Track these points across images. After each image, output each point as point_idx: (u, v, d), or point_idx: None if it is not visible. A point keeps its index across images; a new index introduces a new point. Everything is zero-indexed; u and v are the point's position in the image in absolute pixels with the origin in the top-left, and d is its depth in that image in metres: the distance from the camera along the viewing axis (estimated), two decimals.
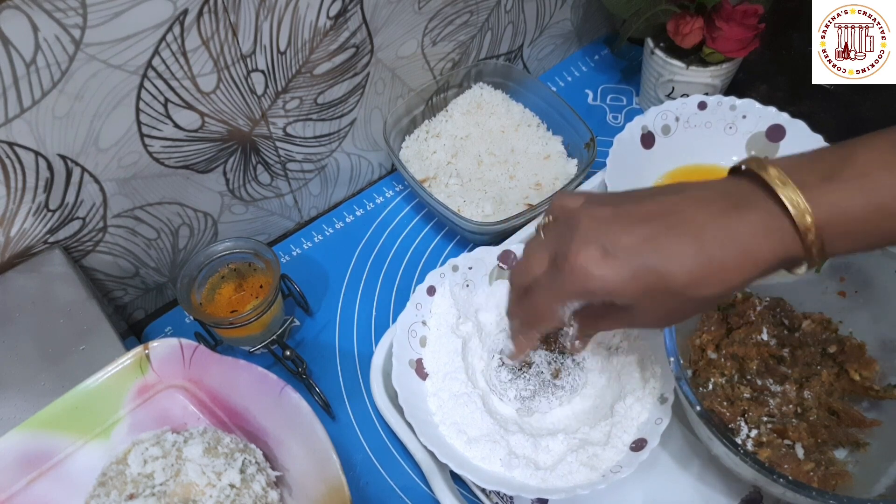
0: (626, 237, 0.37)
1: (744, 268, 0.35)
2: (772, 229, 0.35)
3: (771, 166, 0.35)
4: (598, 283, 0.37)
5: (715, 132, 0.69)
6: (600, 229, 0.37)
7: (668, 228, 0.36)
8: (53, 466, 0.48)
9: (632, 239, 0.36)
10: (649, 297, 0.37)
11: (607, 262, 0.37)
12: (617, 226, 0.37)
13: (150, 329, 0.68)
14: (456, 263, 0.59)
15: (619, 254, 0.36)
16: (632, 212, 0.38)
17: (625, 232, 0.37)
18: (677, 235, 0.36)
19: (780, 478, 0.43)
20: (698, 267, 0.35)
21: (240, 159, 0.63)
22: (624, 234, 0.37)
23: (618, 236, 0.37)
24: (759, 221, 0.35)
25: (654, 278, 0.36)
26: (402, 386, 0.54)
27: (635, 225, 0.37)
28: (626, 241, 0.37)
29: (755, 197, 0.36)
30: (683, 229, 0.36)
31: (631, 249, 0.36)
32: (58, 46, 0.46)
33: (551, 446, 0.51)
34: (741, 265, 0.35)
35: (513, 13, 0.74)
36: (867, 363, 0.54)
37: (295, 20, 0.56)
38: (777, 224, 0.35)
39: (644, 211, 0.38)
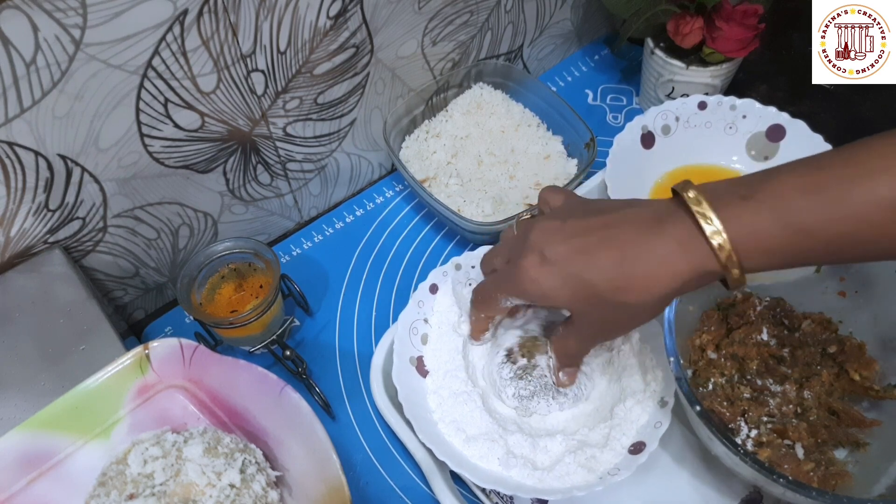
0: (563, 248, 0.41)
1: (662, 279, 0.39)
2: (687, 245, 0.38)
3: (693, 188, 0.38)
4: (533, 286, 0.43)
5: (715, 132, 0.69)
6: (545, 239, 0.42)
7: (599, 241, 0.41)
8: (53, 466, 0.48)
9: (567, 249, 0.41)
10: (580, 303, 0.42)
11: (543, 268, 0.42)
12: (558, 237, 0.42)
13: (150, 329, 0.68)
14: (459, 262, 0.59)
15: (553, 262, 0.41)
16: (574, 226, 0.42)
17: (563, 243, 0.42)
18: (605, 248, 0.40)
19: (780, 478, 0.43)
20: (619, 276, 0.39)
21: (240, 159, 0.63)
22: (562, 245, 0.41)
23: (556, 246, 0.42)
24: (675, 237, 0.38)
25: (580, 285, 0.41)
26: (402, 383, 0.54)
27: (573, 238, 0.41)
28: (562, 252, 0.41)
29: (677, 216, 0.39)
30: (611, 243, 0.40)
31: (564, 259, 0.41)
32: (58, 46, 0.46)
33: (549, 447, 0.51)
34: (659, 276, 0.39)
35: (513, 13, 0.74)
36: (867, 363, 0.54)
37: (295, 20, 0.56)
38: (692, 240, 0.38)
39: (584, 225, 0.42)
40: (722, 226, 0.37)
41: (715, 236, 0.37)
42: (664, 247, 0.38)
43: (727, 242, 0.36)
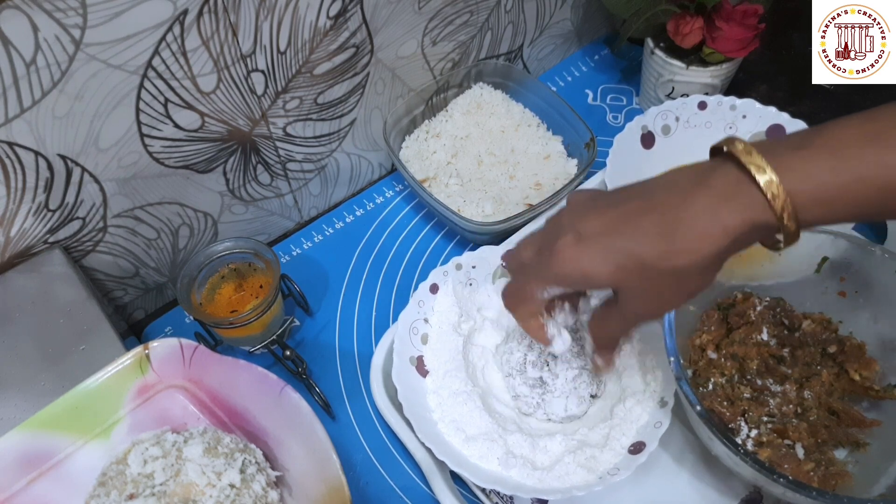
0: (599, 222, 0.39)
1: (711, 235, 0.36)
2: (736, 196, 0.35)
3: (738, 141, 0.36)
4: (573, 267, 0.39)
5: (715, 132, 0.69)
6: (578, 218, 0.40)
7: (637, 209, 0.38)
8: (53, 466, 0.48)
9: (604, 223, 0.39)
10: (627, 277, 0.39)
11: (580, 246, 0.39)
12: (592, 213, 0.40)
13: (150, 329, 0.68)
14: (459, 262, 0.59)
15: (591, 238, 0.39)
16: (608, 200, 0.40)
17: (599, 217, 0.39)
18: (645, 213, 0.38)
19: (780, 478, 0.43)
20: (665, 238, 0.37)
21: (240, 159, 0.63)
22: (596, 221, 0.39)
23: (591, 223, 0.39)
24: (723, 190, 0.36)
25: (624, 257, 0.38)
26: (401, 382, 0.54)
27: (607, 211, 0.39)
28: (597, 227, 0.39)
29: (723, 168, 0.36)
30: (651, 207, 0.38)
31: (602, 232, 0.39)
32: (58, 46, 0.46)
33: (549, 447, 0.51)
34: (708, 233, 0.36)
35: (513, 13, 0.74)
36: (867, 363, 0.54)
37: (295, 20, 0.56)
38: (742, 190, 0.35)
39: (618, 198, 0.40)
40: (776, 174, 0.34)
41: (769, 185, 0.34)
42: (711, 200, 0.36)
43: (782, 191, 0.34)
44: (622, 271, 0.38)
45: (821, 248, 0.55)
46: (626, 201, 0.39)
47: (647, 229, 0.37)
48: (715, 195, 0.36)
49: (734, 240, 0.36)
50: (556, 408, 0.53)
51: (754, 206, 0.35)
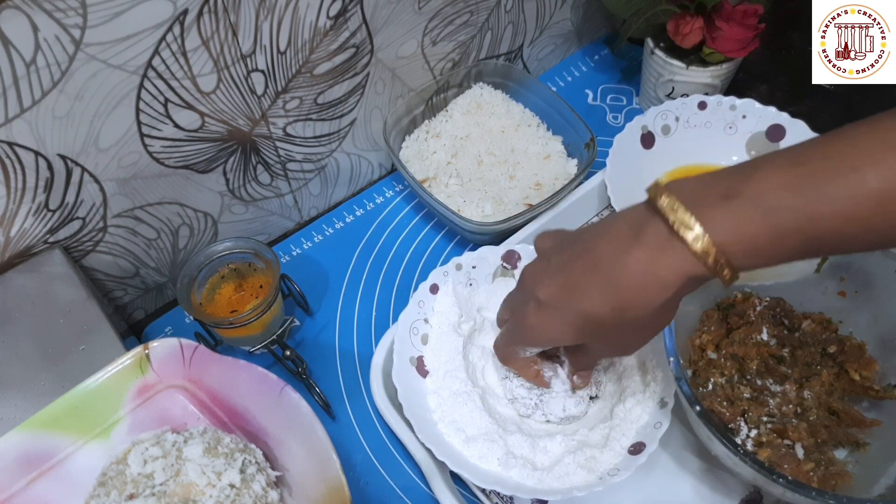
0: (552, 287, 0.41)
1: (650, 290, 0.37)
2: (667, 252, 0.36)
3: (665, 193, 0.37)
4: (537, 334, 0.44)
5: (715, 132, 0.69)
6: (535, 283, 0.43)
7: (582, 270, 0.40)
8: (53, 466, 0.48)
9: (556, 288, 0.41)
10: (586, 335, 0.42)
11: (541, 313, 0.42)
12: (546, 277, 0.42)
13: (150, 329, 0.68)
14: (459, 262, 0.59)
15: (547, 305, 0.42)
16: (558, 261, 0.42)
17: (551, 282, 0.42)
18: (589, 274, 0.39)
19: (780, 478, 0.43)
20: (610, 298, 0.39)
21: (240, 159, 0.63)
22: (551, 285, 0.42)
23: (546, 288, 0.42)
24: (654, 246, 0.37)
25: (580, 319, 0.41)
26: (401, 383, 0.54)
27: (559, 274, 0.41)
28: (552, 291, 0.41)
29: (653, 222, 0.37)
30: (593, 267, 0.39)
31: (556, 298, 0.41)
32: (58, 46, 0.46)
33: (549, 447, 0.51)
34: (647, 288, 0.37)
35: (513, 13, 0.74)
36: (867, 363, 0.54)
37: (295, 20, 0.56)
38: (673, 246, 0.36)
39: (567, 257, 0.41)
40: (702, 229, 0.35)
41: (696, 242, 0.35)
42: (645, 258, 0.37)
43: (712, 246, 0.35)
44: (581, 331, 0.41)
45: None
46: (573, 262, 0.41)
47: (593, 291, 0.39)
48: (648, 251, 0.37)
49: (674, 292, 0.38)
50: (554, 408, 0.53)
51: (686, 262, 0.36)
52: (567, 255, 0.42)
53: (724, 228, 0.35)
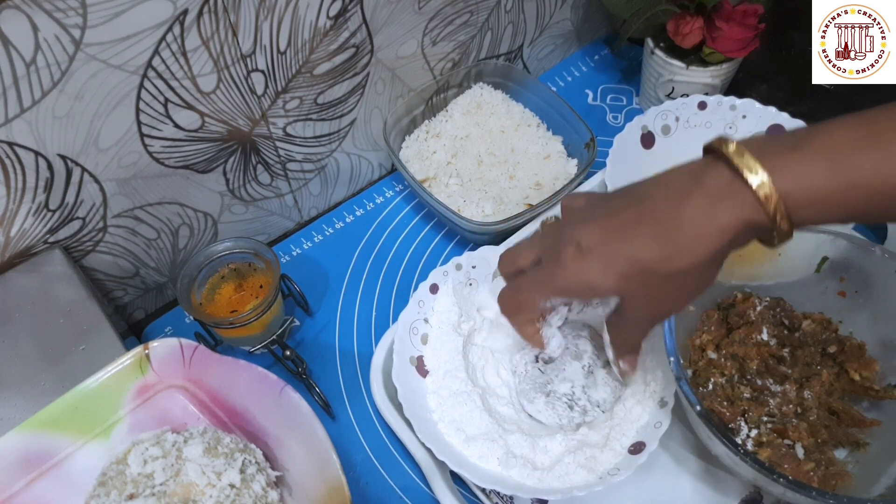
0: (598, 233, 0.39)
1: (707, 235, 0.36)
2: (729, 196, 0.36)
3: (730, 141, 0.36)
4: (576, 279, 0.40)
5: (715, 132, 0.69)
6: (578, 230, 0.40)
7: (634, 216, 0.39)
8: (53, 466, 0.48)
9: (603, 233, 0.39)
10: (630, 285, 0.39)
11: (583, 258, 0.40)
12: (590, 224, 0.40)
13: (150, 329, 0.68)
14: (459, 262, 0.59)
15: (592, 249, 0.39)
16: (605, 209, 0.40)
17: (597, 228, 0.40)
18: (642, 220, 0.38)
19: (780, 478, 0.43)
20: (663, 243, 0.37)
21: (240, 159, 0.63)
22: (597, 231, 0.40)
23: (590, 233, 0.40)
24: (715, 190, 0.36)
25: (625, 264, 0.38)
26: (401, 382, 0.54)
27: (606, 220, 0.40)
28: (598, 237, 0.39)
29: (715, 169, 0.37)
30: (647, 213, 0.38)
31: (602, 243, 0.39)
32: (58, 46, 0.46)
33: (549, 447, 0.51)
34: (703, 233, 0.36)
35: (513, 13, 0.74)
36: (867, 363, 0.54)
37: (295, 20, 0.56)
38: (735, 191, 0.36)
39: (614, 205, 0.40)
40: (768, 175, 0.35)
41: (761, 187, 0.35)
42: (705, 201, 0.36)
43: (774, 192, 0.34)
44: (625, 279, 0.39)
45: (821, 248, 0.55)
46: (624, 209, 0.39)
47: (645, 235, 0.38)
48: (709, 196, 0.36)
49: (730, 239, 0.37)
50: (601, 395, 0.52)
51: (747, 207, 0.36)
52: (616, 203, 0.40)
53: (790, 176, 0.35)
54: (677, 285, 0.39)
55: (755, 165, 0.35)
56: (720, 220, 0.36)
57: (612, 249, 0.39)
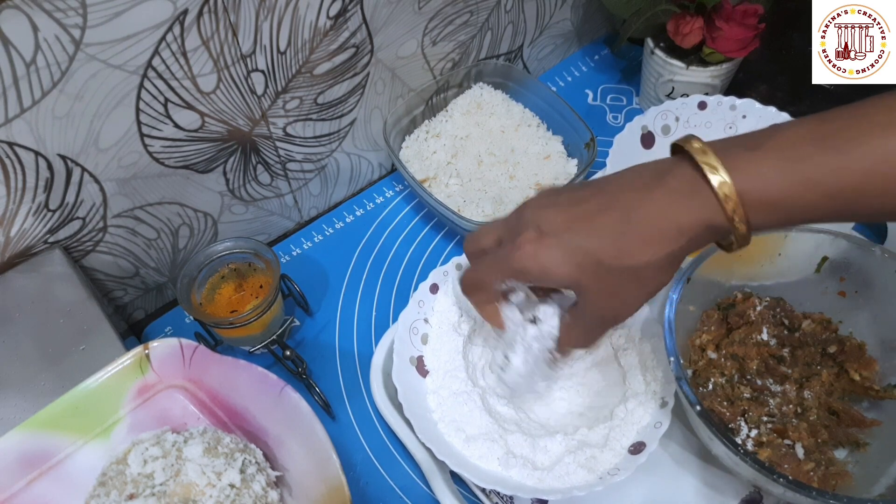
0: (560, 218, 0.39)
1: (666, 235, 0.37)
2: (690, 195, 0.36)
3: (696, 140, 0.37)
4: (532, 262, 0.40)
5: (715, 132, 0.69)
6: (540, 213, 0.40)
7: (597, 206, 0.39)
8: (53, 466, 0.48)
9: (565, 219, 0.39)
10: (585, 275, 0.39)
11: (541, 242, 0.39)
12: (554, 209, 0.40)
13: (150, 329, 0.68)
14: (459, 262, 0.59)
15: (551, 234, 0.39)
16: (570, 197, 0.40)
17: (560, 214, 0.39)
18: (604, 211, 0.38)
19: (780, 478, 0.43)
20: (622, 237, 0.37)
21: (240, 159, 0.63)
22: (558, 217, 0.39)
23: (552, 219, 0.39)
24: (678, 189, 0.36)
25: (582, 255, 0.38)
26: (401, 382, 0.54)
27: (570, 207, 0.40)
28: (560, 222, 0.39)
29: (679, 168, 0.37)
30: (610, 205, 0.38)
31: (563, 229, 0.39)
32: (58, 46, 0.46)
33: (549, 447, 0.51)
34: (663, 232, 0.37)
35: (513, 13, 0.74)
36: (867, 363, 0.54)
37: (295, 20, 0.56)
38: (696, 190, 0.36)
39: (580, 195, 0.40)
40: (728, 175, 0.35)
41: (722, 186, 0.35)
42: (666, 199, 0.37)
43: (734, 193, 0.35)
44: (580, 269, 0.39)
45: (821, 248, 0.55)
46: (588, 199, 0.39)
47: (605, 227, 0.38)
48: (670, 194, 0.37)
49: (689, 240, 0.37)
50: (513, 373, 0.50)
51: (708, 207, 0.36)
52: (580, 194, 0.40)
53: (748, 176, 0.35)
54: (632, 282, 0.39)
55: (717, 164, 0.35)
56: (681, 219, 0.37)
57: (571, 238, 0.39)
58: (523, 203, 0.43)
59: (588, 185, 0.41)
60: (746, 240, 0.36)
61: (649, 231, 0.37)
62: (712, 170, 0.35)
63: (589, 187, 0.41)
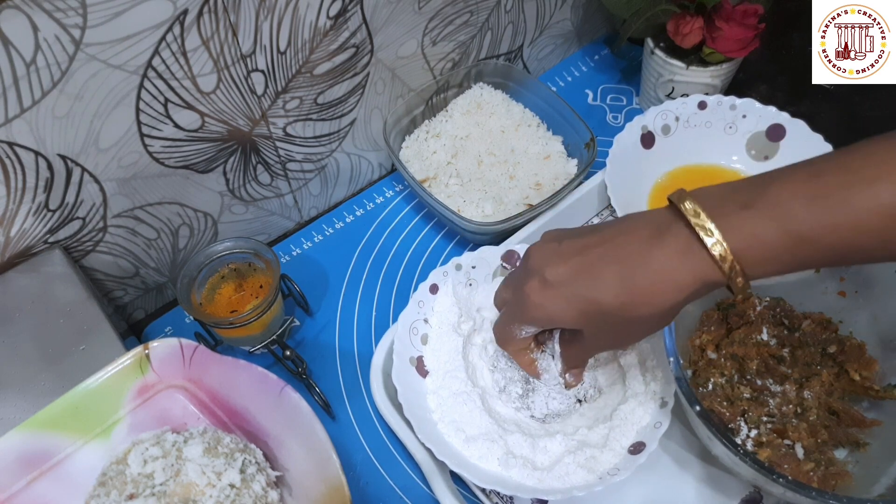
0: (563, 269, 0.42)
1: (665, 291, 0.39)
2: (688, 256, 0.38)
3: (689, 199, 0.38)
4: (539, 312, 0.43)
5: (715, 132, 0.69)
6: (543, 262, 0.43)
7: (599, 258, 0.41)
8: (53, 466, 0.48)
9: (567, 270, 0.41)
10: (588, 321, 0.42)
11: (546, 292, 0.42)
12: (556, 258, 0.42)
13: (150, 329, 0.68)
14: (459, 262, 0.59)
15: (555, 284, 0.42)
16: (572, 245, 0.42)
17: (563, 263, 0.42)
18: (606, 264, 0.40)
19: (779, 478, 0.43)
20: (624, 291, 0.39)
21: (240, 159, 0.63)
22: (561, 266, 0.42)
23: (556, 268, 0.42)
24: (676, 248, 0.38)
25: (585, 304, 0.41)
26: (401, 383, 0.54)
27: (572, 257, 0.42)
28: (562, 273, 0.42)
29: (676, 227, 0.39)
30: (612, 258, 0.40)
31: (566, 280, 0.41)
32: (58, 46, 0.46)
33: (549, 447, 0.51)
34: (663, 289, 0.39)
35: (513, 13, 0.74)
36: (867, 363, 0.54)
37: (295, 20, 0.56)
38: (692, 251, 0.38)
39: (582, 244, 0.42)
40: (722, 236, 0.36)
41: (715, 247, 0.37)
42: (665, 259, 0.38)
43: (728, 253, 0.36)
44: (584, 316, 0.42)
45: None
46: (589, 249, 0.41)
47: (607, 279, 0.40)
48: (669, 254, 0.38)
49: (687, 295, 0.39)
50: (538, 404, 0.53)
51: (705, 266, 0.37)
52: (583, 242, 0.42)
53: (741, 236, 0.36)
54: (633, 328, 0.42)
55: (711, 227, 0.37)
56: (679, 278, 0.38)
57: (575, 288, 0.41)
58: (528, 250, 0.45)
59: (589, 231, 0.43)
60: (744, 290, 0.38)
61: (650, 288, 0.39)
62: (707, 233, 0.37)
63: (590, 234, 0.42)
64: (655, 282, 0.39)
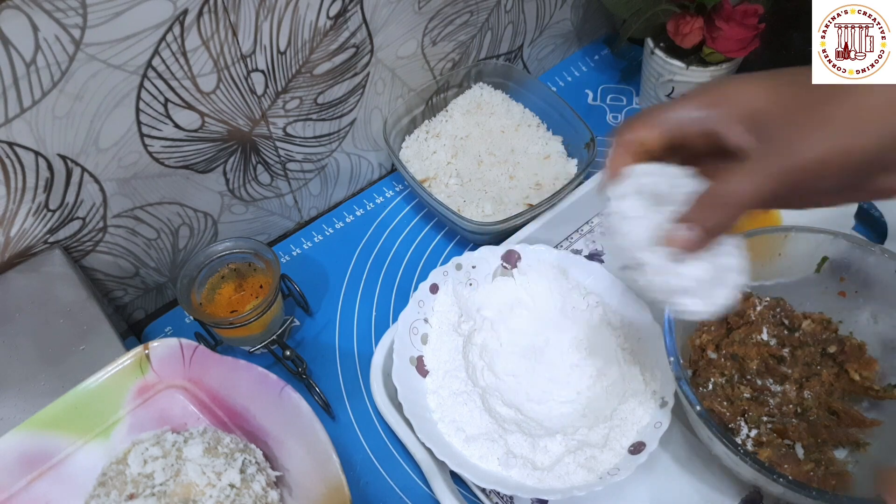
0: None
1: (880, 110, 0.37)
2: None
3: None
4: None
5: None
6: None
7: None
8: (53, 466, 0.48)
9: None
10: (782, 97, 0.41)
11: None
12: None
13: (150, 329, 0.68)
14: (459, 262, 0.59)
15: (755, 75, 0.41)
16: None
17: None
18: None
19: (779, 478, 0.43)
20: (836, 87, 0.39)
21: (240, 159, 0.63)
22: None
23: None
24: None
25: (785, 78, 0.41)
26: (401, 382, 0.54)
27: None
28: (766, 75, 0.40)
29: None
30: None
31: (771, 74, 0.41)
32: (58, 46, 0.46)
33: (549, 447, 0.51)
34: (879, 107, 0.38)
35: (513, 13, 0.74)
36: (867, 363, 0.54)
37: (295, 20, 0.56)
38: None
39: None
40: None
41: None
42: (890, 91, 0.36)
43: None
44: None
45: (821, 248, 0.55)
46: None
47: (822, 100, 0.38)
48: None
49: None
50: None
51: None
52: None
53: None
54: (831, 142, 0.37)
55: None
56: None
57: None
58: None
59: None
60: None
61: (866, 98, 0.37)
62: None
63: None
64: (874, 98, 0.37)
